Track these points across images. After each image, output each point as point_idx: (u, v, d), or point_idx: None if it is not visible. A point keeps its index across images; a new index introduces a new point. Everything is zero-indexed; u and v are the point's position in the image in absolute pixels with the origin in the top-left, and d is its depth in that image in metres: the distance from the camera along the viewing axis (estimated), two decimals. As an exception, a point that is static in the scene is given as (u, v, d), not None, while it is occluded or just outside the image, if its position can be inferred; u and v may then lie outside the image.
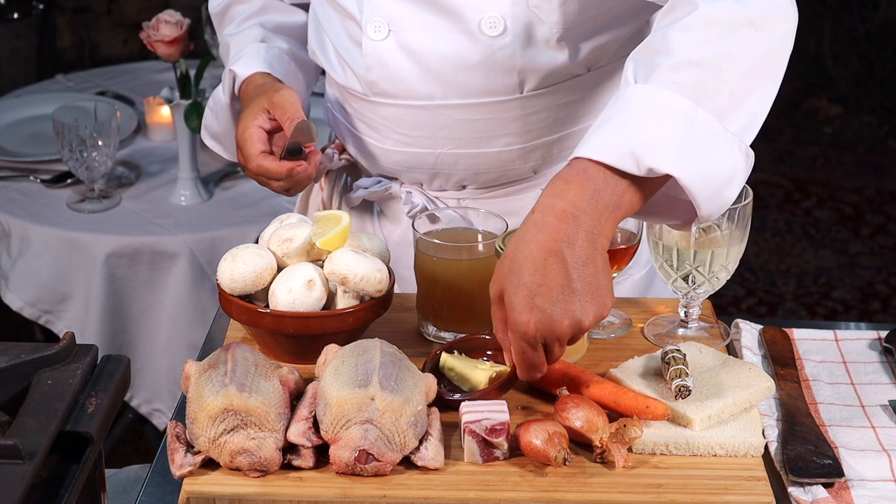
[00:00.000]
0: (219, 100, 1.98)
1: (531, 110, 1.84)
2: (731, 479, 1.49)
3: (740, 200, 1.68)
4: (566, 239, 1.43)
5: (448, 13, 1.77)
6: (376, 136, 1.90)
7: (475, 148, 1.86)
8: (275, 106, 1.82)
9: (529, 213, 1.46)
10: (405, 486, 1.47)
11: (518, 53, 1.77)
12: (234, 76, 1.93)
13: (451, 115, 1.83)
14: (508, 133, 1.85)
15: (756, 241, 4.40)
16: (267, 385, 1.50)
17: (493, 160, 1.88)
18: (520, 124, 1.84)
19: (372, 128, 1.90)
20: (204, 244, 2.82)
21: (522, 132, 1.85)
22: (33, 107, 3.32)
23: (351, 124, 1.94)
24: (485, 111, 1.83)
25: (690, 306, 1.76)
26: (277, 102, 1.82)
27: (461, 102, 1.82)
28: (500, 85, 1.80)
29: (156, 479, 1.52)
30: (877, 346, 1.78)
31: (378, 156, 1.92)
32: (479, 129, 1.84)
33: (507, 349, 1.51)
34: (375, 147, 1.92)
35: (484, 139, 1.85)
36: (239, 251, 1.69)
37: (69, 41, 5.21)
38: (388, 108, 1.86)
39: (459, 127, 1.84)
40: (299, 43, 2.02)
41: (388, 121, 1.87)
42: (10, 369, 1.41)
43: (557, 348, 1.46)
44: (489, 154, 1.87)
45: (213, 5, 2.07)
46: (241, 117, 1.86)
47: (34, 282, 2.86)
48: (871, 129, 5.15)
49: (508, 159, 1.88)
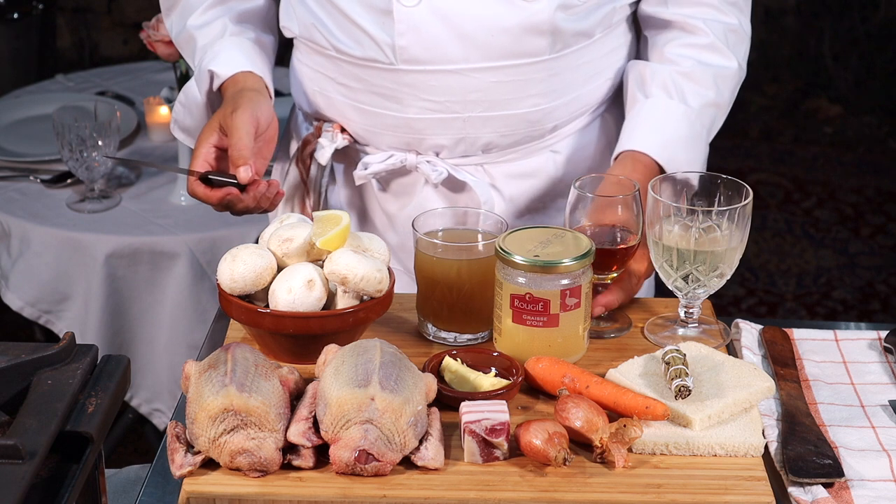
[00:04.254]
0: (192, 96, 1.98)
1: (557, 70, 1.91)
2: (731, 479, 1.49)
3: (740, 200, 1.69)
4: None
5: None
6: (396, 107, 1.92)
7: (503, 110, 1.92)
8: (227, 127, 1.83)
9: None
10: (405, 486, 1.47)
11: (551, 17, 1.85)
12: (212, 76, 1.93)
13: (483, 78, 1.88)
14: (536, 93, 1.92)
15: (756, 241, 4.40)
16: (267, 385, 1.50)
17: (520, 121, 1.94)
18: (546, 84, 1.91)
19: (391, 98, 1.92)
20: (204, 244, 2.82)
21: (548, 92, 1.92)
22: (33, 107, 3.31)
23: (358, 100, 1.95)
24: (515, 73, 1.89)
25: (690, 306, 1.76)
26: (229, 125, 1.82)
27: (493, 65, 1.88)
28: (531, 47, 1.88)
29: (156, 479, 1.52)
30: (877, 346, 1.78)
31: (397, 126, 1.94)
32: (509, 90, 1.90)
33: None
34: (394, 118, 1.93)
35: (512, 100, 1.91)
36: (239, 251, 1.69)
37: (69, 41, 5.21)
38: (416, 74, 1.89)
39: (490, 89, 1.89)
40: (261, 28, 2.03)
41: (414, 88, 1.90)
42: (10, 369, 1.41)
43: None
44: (516, 115, 1.93)
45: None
46: (204, 127, 1.87)
47: (34, 282, 2.86)
48: (871, 129, 5.15)
49: (534, 119, 1.94)
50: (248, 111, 1.83)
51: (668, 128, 1.90)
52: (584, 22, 1.89)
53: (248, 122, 1.81)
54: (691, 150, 1.91)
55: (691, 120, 1.92)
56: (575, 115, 1.98)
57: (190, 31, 2.01)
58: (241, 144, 1.79)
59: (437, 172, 1.95)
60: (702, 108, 1.93)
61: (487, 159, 1.97)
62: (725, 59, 1.95)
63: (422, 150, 1.96)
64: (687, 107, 1.92)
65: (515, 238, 1.70)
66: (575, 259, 1.65)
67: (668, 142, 1.89)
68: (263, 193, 1.80)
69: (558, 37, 1.88)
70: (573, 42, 1.91)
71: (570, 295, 1.65)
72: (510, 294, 1.66)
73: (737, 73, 1.97)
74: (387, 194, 2.03)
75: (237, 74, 1.92)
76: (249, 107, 1.84)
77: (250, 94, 1.87)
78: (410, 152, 1.97)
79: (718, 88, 1.94)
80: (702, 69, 1.94)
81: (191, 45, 2.01)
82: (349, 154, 2.03)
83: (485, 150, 1.96)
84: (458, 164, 1.97)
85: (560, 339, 1.67)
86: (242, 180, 1.78)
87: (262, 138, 1.85)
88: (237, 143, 1.79)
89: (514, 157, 1.98)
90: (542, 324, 1.66)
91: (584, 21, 1.89)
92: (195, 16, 2.01)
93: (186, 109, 2.01)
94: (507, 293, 1.67)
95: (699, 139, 1.93)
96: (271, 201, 1.82)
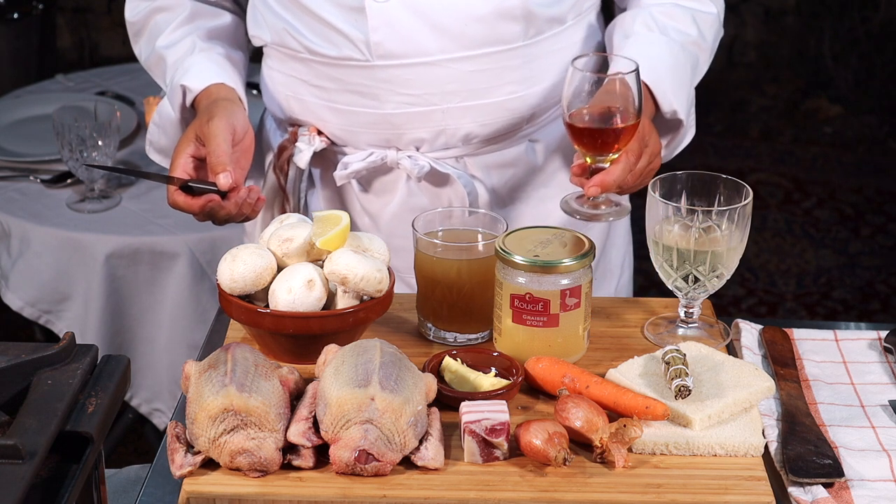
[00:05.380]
0: (166, 115, 1.99)
1: (532, 57, 1.93)
2: (731, 479, 1.49)
3: (740, 200, 1.69)
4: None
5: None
6: (373, 104, 1.93)
7: (481, 99, 1.93)
8: (204, 135, 1.83)
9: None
10: (405, 486, 1.47)
11: (523, 1, 1.87)
12: (184, 90, 1.93)
13: (459, 68, 1.90)
14: (512, 81, 1.93)
15: (756, 241, 4.40)
16: (267, 385, 1.50)
17: (498, 109, 1.95)
18: (522, 71, 1.93)
19: (368, 96, 1.92)
20: (204, 244, 2.82)
21: (525, 79, 1.94)
22: (33, 107, 3.31)
23: (334, 100, 1.95)
24: (491, 61, 1.91)
25: (690, 306, 1.76)
26: (205, 133, 1.83)
27: (469, 54, 1.89)
28: (505, 33, 1.89)
29: (156, 479, 1.52)
30: (877, 346, 1.78)
31: (376, 123, 1.94)
32: (486, 79, 1.92)
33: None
34: (372, 115, 1.94)
35: (490, 89, 1.93)
36: (239, 251, 1.69)
37: (69, 41, 5.21)
38: (392, 69, 1.89)
39: (467, 79, 1.91)
40: (230, 44, 2.04)
41: (391, 83, 1.90)
42: (10, 369, 1.41)
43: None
44: (494, 104, 1.94)
45: (131, 13, 2.05)
46: (179, 139, 1.88)
47: (34, 282, 2.86)
48: (871, 129, 5.15)
49: (512, 107, 1.96)
50: (224, 119, 1.83)
51: (652, 54, 1.93)
52: (556, 7, 1.92)
53: (224, 130, 1.82)
54: (676, 80, 1.94)
55: (674, 51, 1.95)
56: (552, 102, 2.00)
57: (159, 52, 2.01)
58: (220, 151, 1.80)
59: (419, 167, 1.96)
60: (684, 44, 1.96)
61: (468, 151, 1.98)
62: (704, 4, 2.00)
63: (401, 145, 1.97)
64: (669, 38, 1.96)
65: (515, 238, 1.70)
66: (575, 259, 1.65)
67: (653, 66, 1.91)
68: (245, 199, 1.81)
69: (531, 22, 1.90)
70: (546, 28, 1.93)
71: (570, 295, 1.66)
72: (510, 294, 1.67)
73: (716, 19, 2.01)
74: (368, 194, 2.03)
75: (210, 87, 1.93)
76: (225, 115, 1.84)
77: (225, 104, 1.88)
78: (390, 149, 1.97)
79: (699, 29, 1.98)
80: (681, 10, 1.98)
81: (161, 66, 2.02)
82: (327, 156, 2.03)
83: (465, 142, 1.97)
84: (438, 157, 1.97)
85: (560, 339, 1.67)
86: (223, 186, 1.79)
87: (238, 148, 1.85)
88: (215, 149, 1.80)
89: (495, 148, 1.99)
90: (542, 324, 1.66)
91: (556, 6, 1.92)
92: (163, 36, 2.01)
93: (161, 129, 2.01)
94: (507, 293, 1.67)
95: (683, 71, 1.96)
96: (253, 207, 1.83)
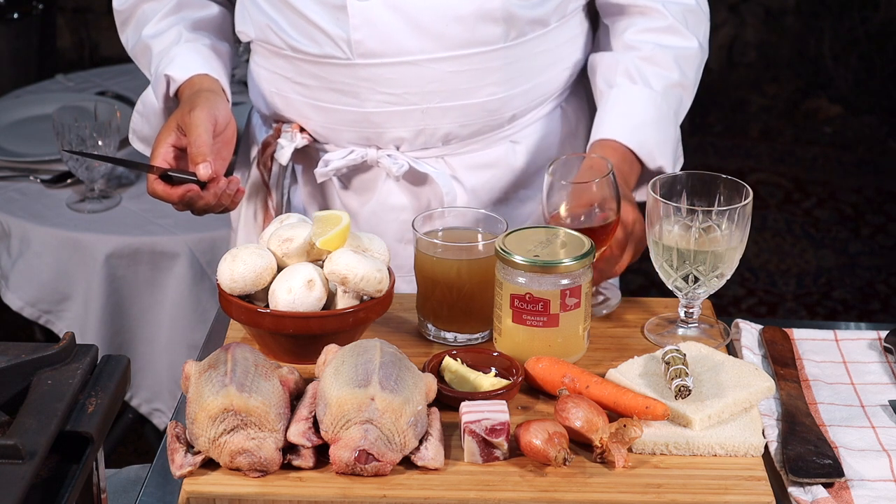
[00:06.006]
0: (149, 104, 1.99)
1: (513, 59, 1.92)
2: (731, 479, 1.49)
3: (740, 200, 1.69)
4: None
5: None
6: (354, 102, 1.93)
7: (461, 99, 1.93)
8: (185, 125, 1.83)
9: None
10: (405, 486, 1.47)
11: (504, 4, 1.86)
12: (168, 80, 1.94)
13: (440, 69, 1.90)
14: (492, 82, 1.93)
15: (756, 241, 4.40)
16: (267, 385, 1.50)
17: (478, 110, 1.95)
18: (503, 73, 1.93)
19: (349, 94, 1.93)
20: (204, 244, 2.82)
21: (505, 80, 1.94)
22: (33, 107, 3.31)
23: (316, 98, 1.96)
24: (471, 62, 1.91)
25: (690, 306, 1.76)
26: (187, 123, 1.83)
27: (449, 55, 1.89)
28: (486, 35, 1.89)
29: (156, 479, 1.52)
30: (877, 346, 1.78)
31: (356, 122, 1.95)
32: (466, 80, 1.92)
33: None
34: (353, 113, 1.94)
35: (470, 90, 1.93)
36: (239, 251, 1.69)
37: (69, 41, 5.21)
38: (373, 68, 1.90)
39: (447, 80, 1.91)
40: (216, 36, 2.04)
41: (371, 82, 1.91)
42: (10, 369, 1.41)
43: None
44: (474, 105, 1.94)
45: (118, 2, 2.06)
46: (161, 129, 1.88)
47: (34, 282, 2.85)
48: (871, 129, 5.15)
49: (492, 108, 1.95)
50: (205, 109, 1.84)
51: (635, 112, 1.93)
52: (539, 9, 1.91)
53: (206, 120, 1.82)
54: (661, 132, 1.94)
55: (657, 103, 1.95)
56: (533, 104, 2.00)
57: (145, 41, 2.02)
58: (201, 141, 1.80)
59: (398, 166, 1.96)
60: (666, 89, 1.96)
61: (448, 151, 1.98)
62: (685, 39, 1.98)
63: (382, 144, 1.97)
64: (651, 90, 1.95)
65: (515, 238, 1.70)
66: (575, 259, 1.65)
67: (636, 126, 1.92)
68: (224, 190, 1.82)
69: (512, 24, 1.90)
70: (528, 30, 1.92)
71: (570, 295, 1.65)
72: (510, 294, 1.67)
73: (698, 52, 2.00)
74: (348, 191, 2.03)
75: (193, 77, 1.93)
76: (207, 106, 1.85)
77: (207, 95, 1.88)
78: (371, 147, 1.98)
79: (681, 69, 1.98)
80: (662, 52, 1.97)
81: (146, 55, 2.02)
82: (309, 153, 2.04)
83: (444, 142, 1.97)
84: (418, 156, 1.98)
85: (560, 339, 1.67)
86: (202, 177, 1.79)
87: (220, 139, 1.85)
88: (196, 140, 1.80)
89: (475, 148, 1.99)
90: (542, 324, 1.66)
91: (539, 8, 1.91)
92: (149, 26, 2.02)
93: (144, 118, 2.02)
94: (507, 293, 1.67)
95: (667, 121, 1.96)
96: (232, 199, 1.83)
